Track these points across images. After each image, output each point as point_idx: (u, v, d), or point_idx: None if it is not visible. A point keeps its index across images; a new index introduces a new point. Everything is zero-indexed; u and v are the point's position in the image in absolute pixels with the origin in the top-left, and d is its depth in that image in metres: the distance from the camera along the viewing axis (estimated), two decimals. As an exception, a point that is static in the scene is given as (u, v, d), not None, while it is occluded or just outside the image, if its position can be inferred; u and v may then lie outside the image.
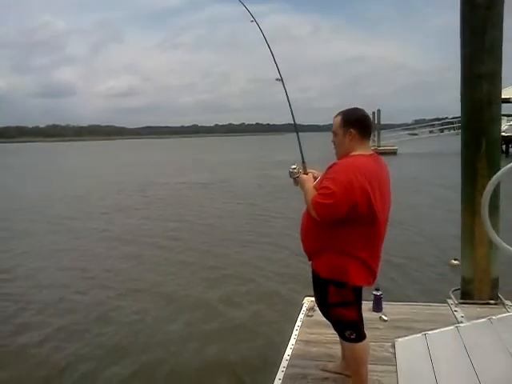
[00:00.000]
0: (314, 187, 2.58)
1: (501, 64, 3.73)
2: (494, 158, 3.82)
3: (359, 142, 2.57)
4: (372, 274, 2.59)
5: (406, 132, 45.57)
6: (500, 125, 4.08)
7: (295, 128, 3.05)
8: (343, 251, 2.49)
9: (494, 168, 3.65)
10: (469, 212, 3.96)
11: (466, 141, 3.94)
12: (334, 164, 2.56)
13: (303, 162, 2.82)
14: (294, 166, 2.78)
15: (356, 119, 2.59)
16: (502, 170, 2.71)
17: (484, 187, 2.78)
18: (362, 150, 2.57)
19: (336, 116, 2.65)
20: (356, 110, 2.64)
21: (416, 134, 44.12)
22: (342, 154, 2.63)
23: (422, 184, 17.87)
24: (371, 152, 2.62)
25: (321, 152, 8.62)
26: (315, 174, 2.79)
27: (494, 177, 2.74)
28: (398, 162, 29.43)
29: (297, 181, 2.75)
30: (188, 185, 19.86)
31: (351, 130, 2.55)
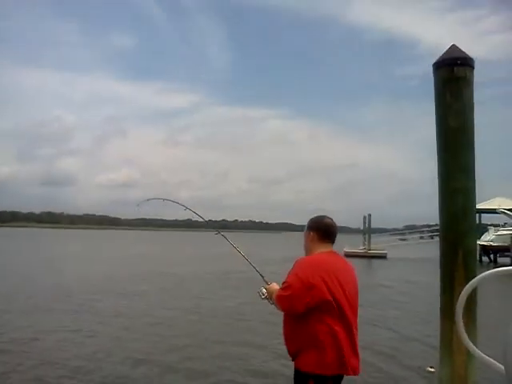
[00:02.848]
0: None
1: (474, 181, 4.05)
2: (471, 267, 4.01)
3: (318, 244, 2.97)
4: (348, 362, 2.70)
5: (397, 237, 46.20)
6: (475, 236, 4.33)
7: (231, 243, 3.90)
8: (317, 344, 2.65)
9: (471, 277, 3.82)
10: (446, 319, 4.06)
11: (444, 251, 4.15)
12: (295, 262, 2.91)
13: (262, 276, 3.31)
14: (261, 288, 3.13)
15: (317, 226, 3.04)
16: (476, 278, 2.88)
17: (461, 295, 2.93)
18: (322, 249, 2.95)
19: (308, 220, 3.11)
20: (321, 217, 3.09)
21: (406, 240, 44.70)
22: (305, 251, 3.08)
23: (405, 288, 18.00)
24: (330, 250, 2.98)
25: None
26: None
27: (468, 285, 2.90)
28: (386, 265, 29.65)
29: (268, 298, 3.08)
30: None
31: (311, 232, 3.03)
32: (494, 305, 12.46)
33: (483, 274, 2.65)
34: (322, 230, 3.01)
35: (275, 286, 3.03)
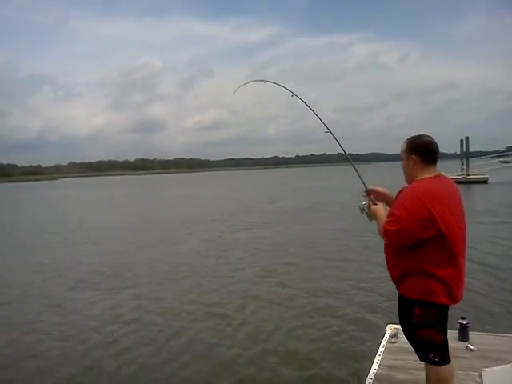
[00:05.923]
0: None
1: None
2: None
3: (422, 167, 2.71)
4: (456, 293, 2.61)
5: (498, 160, 43.16)
6: None
7: (350, 161, 3.24)
8: (425, 272, 2.56)
9: None
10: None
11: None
12: (401, 191, 2.72)
13: (369, 195, 2.96)
14: (363, 203, 2.93)
15: (419, 146, 2.73)
16: None
17: None
18: (427, 174, 2.69)
19: (403, 142, 2.81)
20: (421, 136, 2.77)
21: (509, 162, 41.70)
22: (407, 177, 2.81)
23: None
24: (436, 173, 2.72)
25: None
26: (387, 194, 2.96)
27: None
28: (488, 190, 27.98)
29: (369, 215, 2.89)
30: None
31: (413, 155, 2.72)
32: None
33: None
34: (425, 151, 2.72)
35: (381, 210, 2.83)
